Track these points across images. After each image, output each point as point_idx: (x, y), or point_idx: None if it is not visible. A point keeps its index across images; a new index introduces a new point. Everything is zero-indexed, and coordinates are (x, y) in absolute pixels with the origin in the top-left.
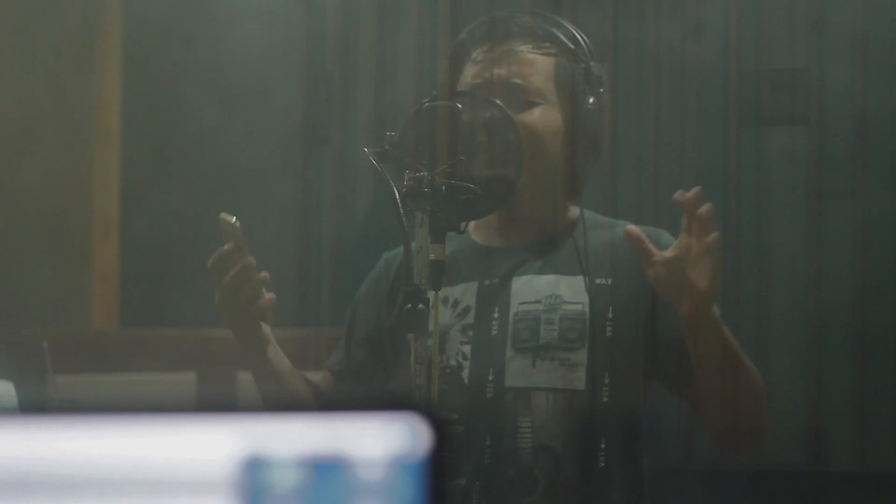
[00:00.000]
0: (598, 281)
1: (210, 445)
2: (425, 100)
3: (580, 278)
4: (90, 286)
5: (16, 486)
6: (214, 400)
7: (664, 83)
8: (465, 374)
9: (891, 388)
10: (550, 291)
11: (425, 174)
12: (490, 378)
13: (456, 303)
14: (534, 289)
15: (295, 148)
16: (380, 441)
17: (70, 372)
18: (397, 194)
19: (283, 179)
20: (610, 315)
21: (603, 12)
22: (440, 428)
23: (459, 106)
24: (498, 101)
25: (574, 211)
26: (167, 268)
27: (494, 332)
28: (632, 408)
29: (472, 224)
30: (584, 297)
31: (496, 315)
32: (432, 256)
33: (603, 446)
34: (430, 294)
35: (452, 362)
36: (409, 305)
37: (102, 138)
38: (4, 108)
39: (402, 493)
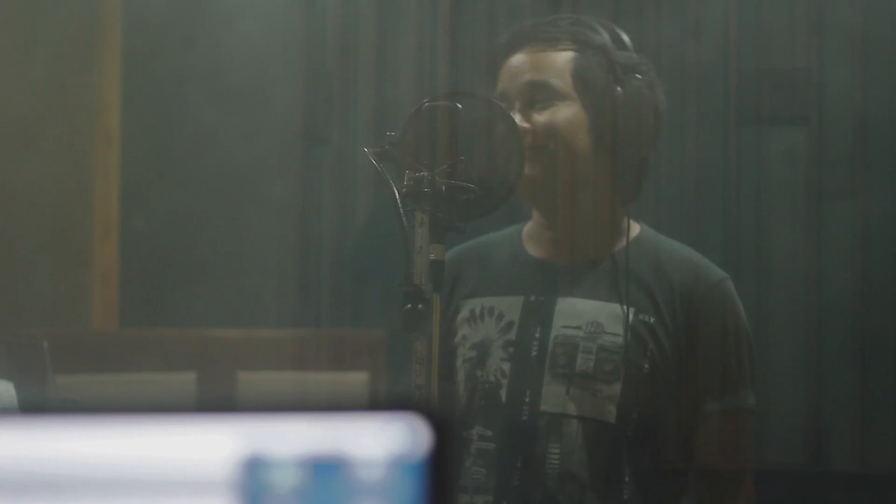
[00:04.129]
0: (640, 316)
1: (210, 445)
2: (425, 100)
3: (623, 309)
4: (90, 286)
5: (16, 486)
6: (214, 400)
7: (664, 83)
8: (503, 392)
9: (891, 388)
10: (592, 318)
11: (425, 174)
12: (526, 400)
13: (501, 316)
14: (577, 313)
15: (295, 148)
16: (380, 441)
17: (70, 372)
18: (397, 194)
19: (283, 179)
20: (648, 353)
21: (603, 12)
22: (441, 428)
23: (459, 106)
24: (497, 102)
25: (633, 229)
26: (167, 268)
27: (534, 353)
28: (659, 447)
29: (526, 233)
30: (625, 331)
31: (537, 335)
32: (432, 256)
33: (627, 480)
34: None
35: (492, 378)
36: (409, 306)
37: (102, 138)
38: (4, 108)
39: (402, 493)
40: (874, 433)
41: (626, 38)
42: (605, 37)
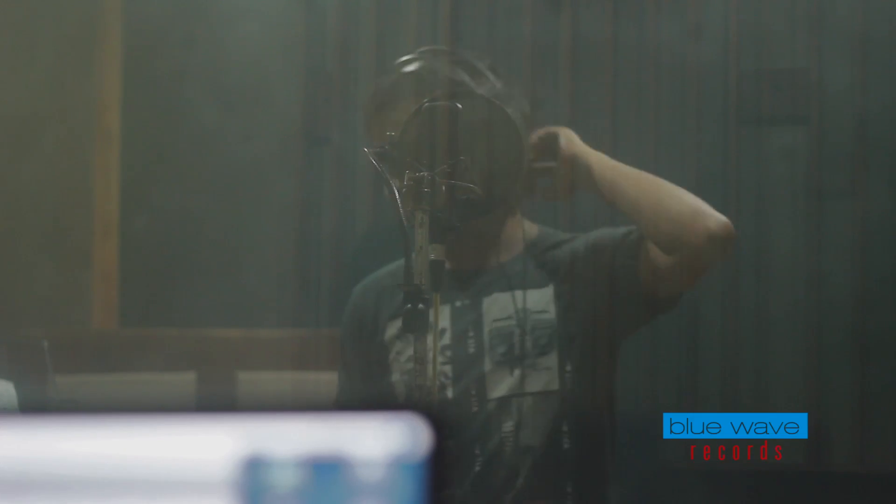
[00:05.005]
0: (560, 289)
1: (210, 445)
2: (425, 100)
3: (544, 290)
4: (90, 286)
5: (16, 486)
6: (214, 400)
7: (664, 83)
8: (449, 392)
9: (891, 388)
10: (519, 306)
11: (425, 174)
12: (473, 393)
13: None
14: (503, 306)
15: (295, 148)
16: (379, 441)
17: (70, 372)
18: (397, 194)
19: (283, 179)
20: (572, 315)
21: (603, 12)
22: (440, 427)
23: (459, 106)
24: (498, 102)
25: (532, 230)
26: (167, 268)
27: (472, 350)
28: (598, 396)
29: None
30: (550, 307)
31: (471, 334)
32: (432, 256)
33: (565, 429)
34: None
35: (436, 382)
36: (409, 305)
37: (102, 138)
38: (4, 108)
39: (402, 493)
40: (874, 433)
41: (482, 65)
42: (465, 75)
